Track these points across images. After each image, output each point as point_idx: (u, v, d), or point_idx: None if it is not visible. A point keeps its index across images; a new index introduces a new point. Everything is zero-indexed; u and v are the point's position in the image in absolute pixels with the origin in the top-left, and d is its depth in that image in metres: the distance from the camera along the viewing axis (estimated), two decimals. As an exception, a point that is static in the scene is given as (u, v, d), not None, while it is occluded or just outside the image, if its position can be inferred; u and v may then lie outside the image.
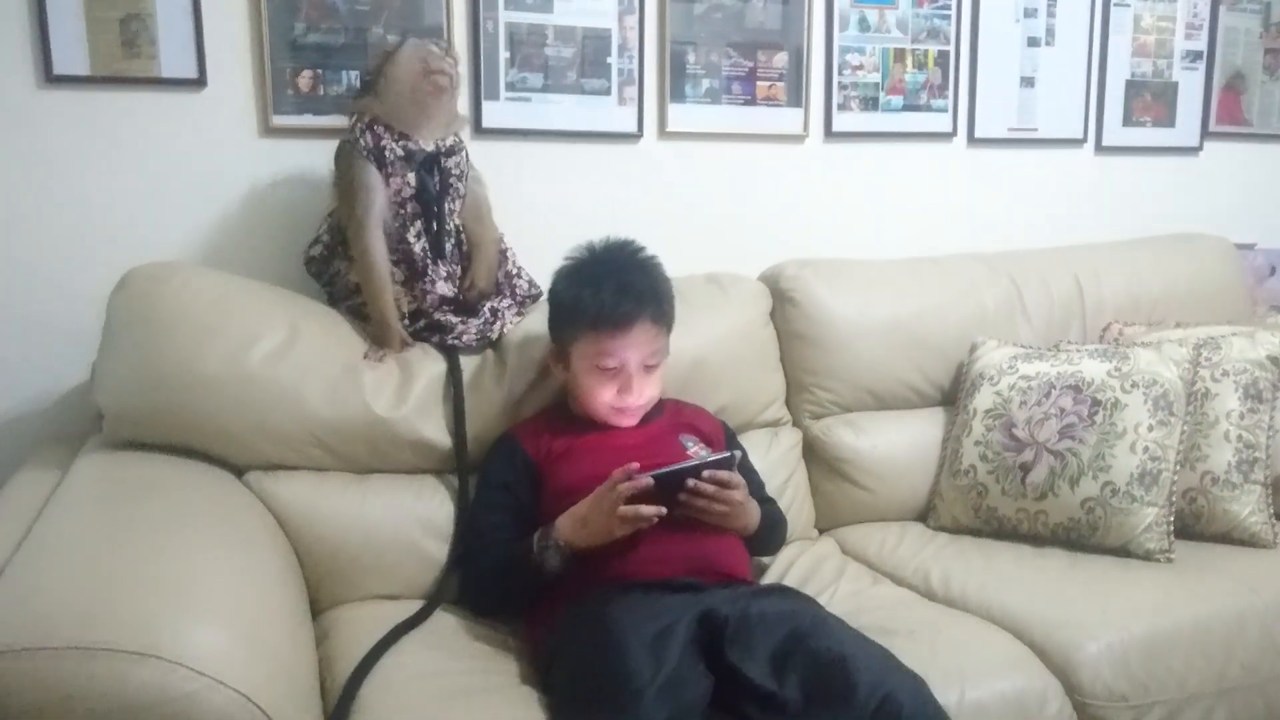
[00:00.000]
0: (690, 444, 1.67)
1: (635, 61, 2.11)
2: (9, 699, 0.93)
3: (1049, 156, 2.56)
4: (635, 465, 1.43)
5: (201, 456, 1.58)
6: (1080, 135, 2.58)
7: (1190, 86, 2.69)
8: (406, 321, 1.73)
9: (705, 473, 1.47)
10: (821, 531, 1.97)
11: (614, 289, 1.58)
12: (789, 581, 1.65)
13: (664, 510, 1.42)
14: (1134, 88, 2.62)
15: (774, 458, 1.92)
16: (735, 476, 1.51)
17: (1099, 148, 2.61)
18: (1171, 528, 1.71)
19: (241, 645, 1.06)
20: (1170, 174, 2.71)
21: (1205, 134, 2.73)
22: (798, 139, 2.29)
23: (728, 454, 1.51)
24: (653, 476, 1.42)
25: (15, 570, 1.13)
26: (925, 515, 1.97)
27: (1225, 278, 2.42)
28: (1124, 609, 1.52)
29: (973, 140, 2.46)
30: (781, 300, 2.02)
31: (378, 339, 1.70)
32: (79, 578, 1.09)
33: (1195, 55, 2.68)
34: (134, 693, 0.95)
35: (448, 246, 1.74)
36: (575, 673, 1.28)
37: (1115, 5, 2.56)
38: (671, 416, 1.73)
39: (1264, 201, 2.81)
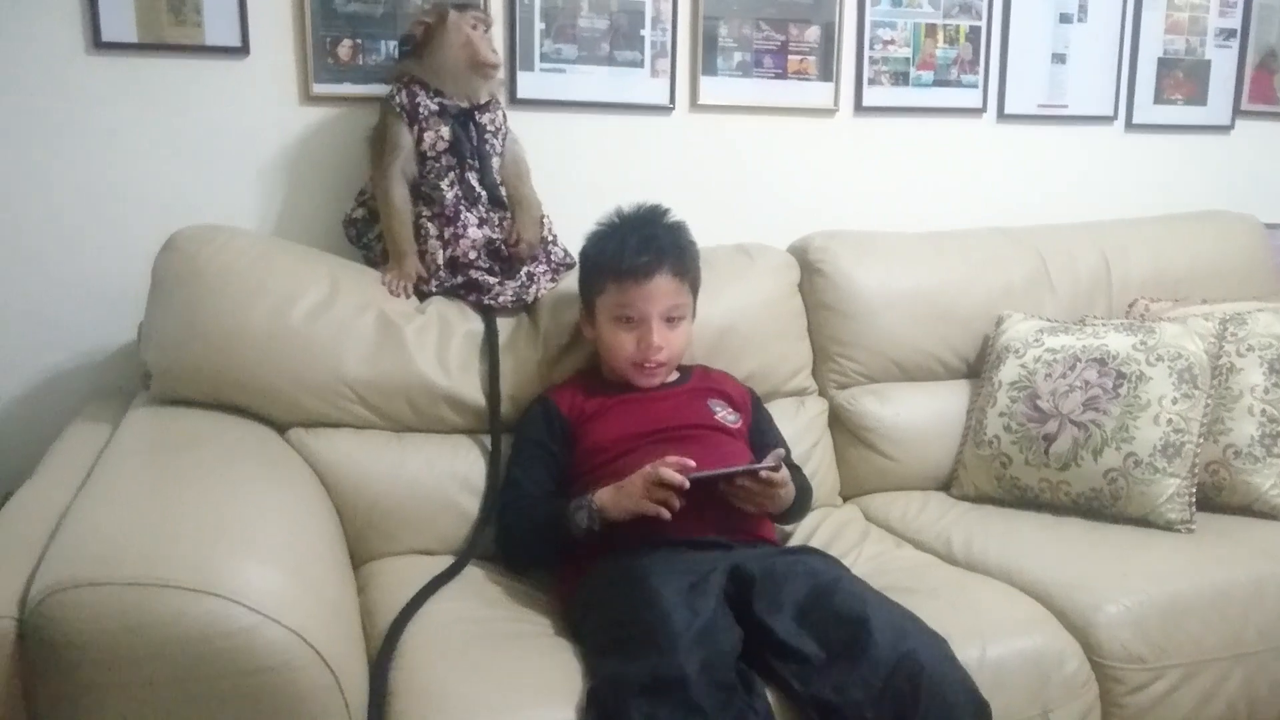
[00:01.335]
0: (718, 408, 1.71)
1: (668, 34, 2.14)
2: (77, 629, 0.99)
3: (1079, 133, 2.57)
4: (692, 463, 1.44)
5: (245, 413, 1.63)
6: (1111, 112, 2.58)
7: (1223, 64, 2.68)
8: (443, 273, 1.78)
9: (763, 473, 1.49)
10: (846, 499, 2.00)
11: (636, 242, 1.63)
12: (814, 545, 1.69)
13: (676, 507, 1.44)
14: (1166, 65, 2.62)
15: (800, 425, 1.95)
16: (781, 475, 1.53)
17: (1129, 125, 2.61)
18: (1193, 499, 1.74)
19: (293, 586, 1.11)
20: (1201, 152, 2.70)
21: (1237, 112, 2.72)
22: (828, 113, 2.31)
23: (772, 463, 1.50)
24: (691, 479, 1.43)
25: (77, 514, 1.18)
26: (948, 484, 2.00)
27: (1253, 256, 2.42)
28: (1143, 575, 1.55)
29: (1003, 116, 2.47)
30: (809, 271, 2.05)
31: (394, 266, 1.78)
32: (138, 520, 1.14)
33: (1229, 33, 2.67)
34: (193, 626, 1.01)
35: (483, 195, 1.79)
36: (609, 621, 1.33)
37: (1149, -20, 2.56)
38: (699, 380, 1.77)
39: (1294, 181, 2.80)
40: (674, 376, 1.75)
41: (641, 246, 1.64)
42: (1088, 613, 1.47)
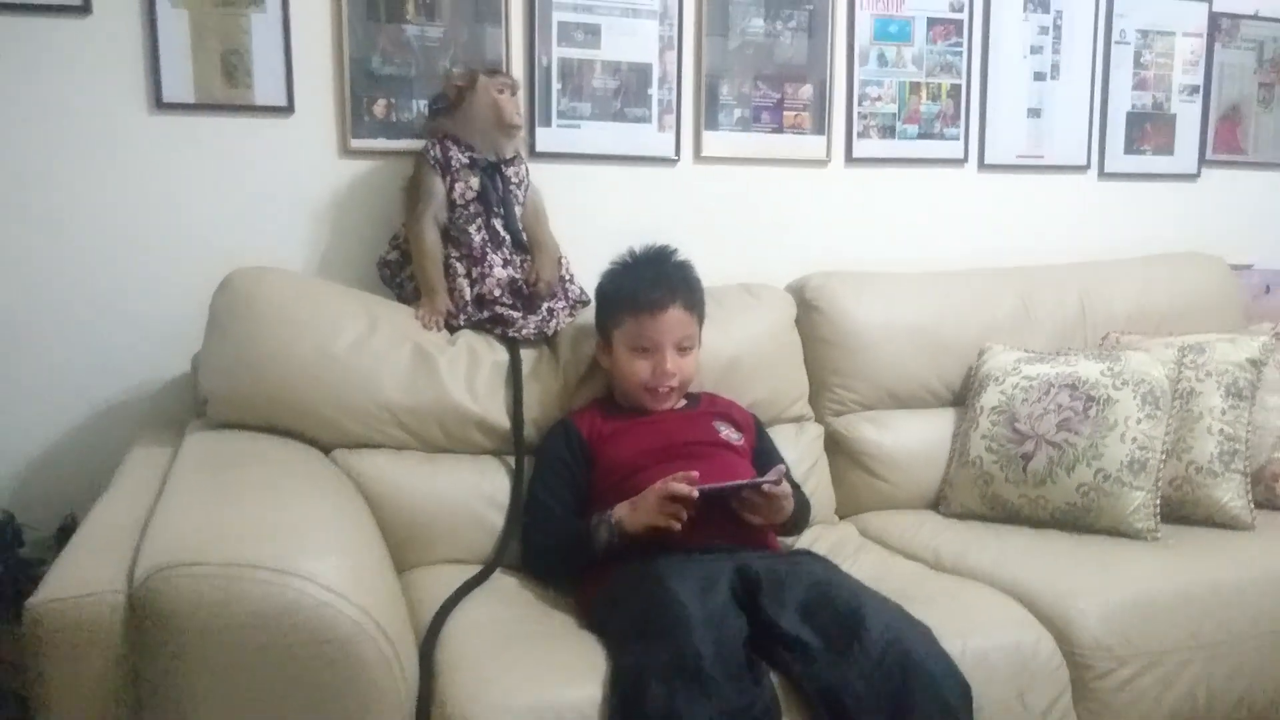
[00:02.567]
0: (722, 428, 1.87)
1: (674, 92, 2.34)
2: (179, 602, 1.14)
3: (1055, 181, 2.76)
4: (695, 474, 1.60)
5: (294, 435, 1.79)
6: (1084, 162, 2.78)
7: (1188, 118, 2.88)
8: (470, 309, 1.95)
9: (766, 489, 1.65)
10: (842, 518, 2.16)
11: (650, 278, 1.81)
12: (812, 554, 1.84)
13: (685, 519, 1.59)
14: (1135, 118, 2.82)
15: (799, 449, 2.11)
16: (782, 488, 1.69)
17: (1102, 174, 2.81)
18: (1158, 510, 1.90)
19: (357, 572, 1.26)
20: (1169, 199, 2.89)
21: (1203, 161, 2.92)
22: (821, 163, 2.50)
23: (772, 476, 1.66)
24: (700, 491, 1.59)
25: (163, 513, 1.34)
26: (938, 504, 2.15)
27: (1220, 295, 2.60)
28: (1113, 576, 1.70)
29: (983, 166, 2.66)
30: (806, 308, 2.23)
31: (426, 302, 1.95)
32: (219, 517, 1.31)
33: (1193, 89, 2.88)
34: (277, 602, 1.16)
35: (507, 239, 1.97)
36: (629, 614, 1.47)
37: (1116, 43, 2.77)
38: (707, 405, 1.93)
39: (1260, 224, 2.99)
40: (683, 403, 1.92)
41: (655, 282, 1.82)
42: (1061, 609, 1.62)
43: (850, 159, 2.52)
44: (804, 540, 1.97)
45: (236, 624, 1.15)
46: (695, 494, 1.58)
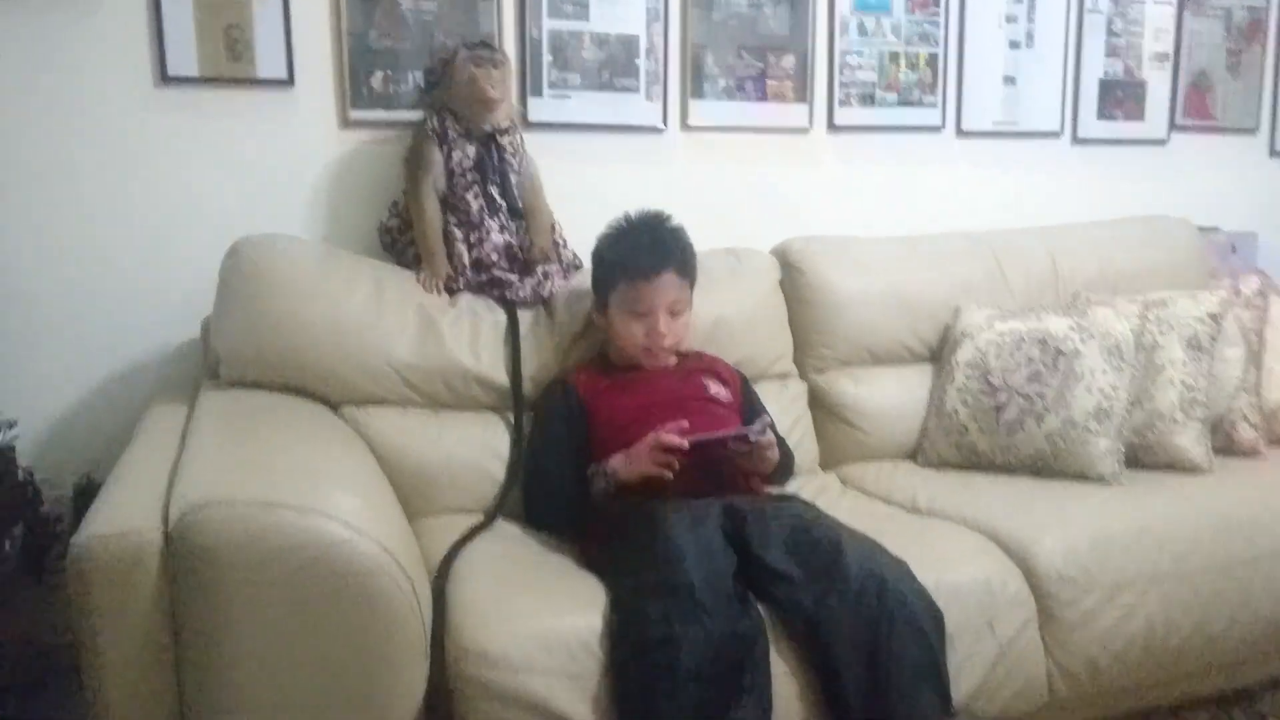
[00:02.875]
0: (711, 385, 1.97)
1: (660, 63, 2.42)
2: (212, 538, 1.24)
3: (1030, 147, 2.85)
4: (685, 424, 1.72)
5: (304, 393, 1.88)
6: (1058, 128, 2.88)
7: (1158, 85, 2.98)
8: (470, 273, 2.04)
9: (752, 439, 1.76)
10: (824, 469, 2.27)
11: (645, 244, 1.91)
12: (797, 501, 1.95)
13: (677, 468, 1.70)
14: (1106, 85, 2.92)
15: (783, 404, 2.22)
16: (768, 438, 1.80)
17: (1075, 139, 2.90)
18: (1122, 456, 2.01)
19: (375, 512, 1.37)
20: (1140, 163, 3.00)
21: (1173, 127, 3.02)
22: (803, 131, 2.59)
23: (757, 427, 1.78)
24: (690, 442, 1.70)
25: (190, 460, 1.44)
26: (915, 454, 2.27)
27: (1187, 256, 2.70)
28: (1077, 516, 1.82)
29: (960, 132, 2.76)
30: (790, 271, 2.32)
31: (427, 267, 2.03)
32: (246, 462, 1.41)
33: (1162, 56, 2.98)
34: (303, 537, 1.26)
35: (503, 206, 2.06)
36: (625, 549, 1.58)
37: (1089, 11, 2.86)
38: (695, 363, 2.04)
39: (1227, 188, 3.10)
40: (673, 361, 2.02)
41: (650, 249, 1.92)
42: (1028, 544, 1.74)
43: (832, 127, 2.61)
44: (788, 489, 2.07)
45: (265, 558, 1.25)
46: (685, 444, 1.68)
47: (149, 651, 1.29)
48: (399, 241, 2.15)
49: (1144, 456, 2.10)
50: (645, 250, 1.91)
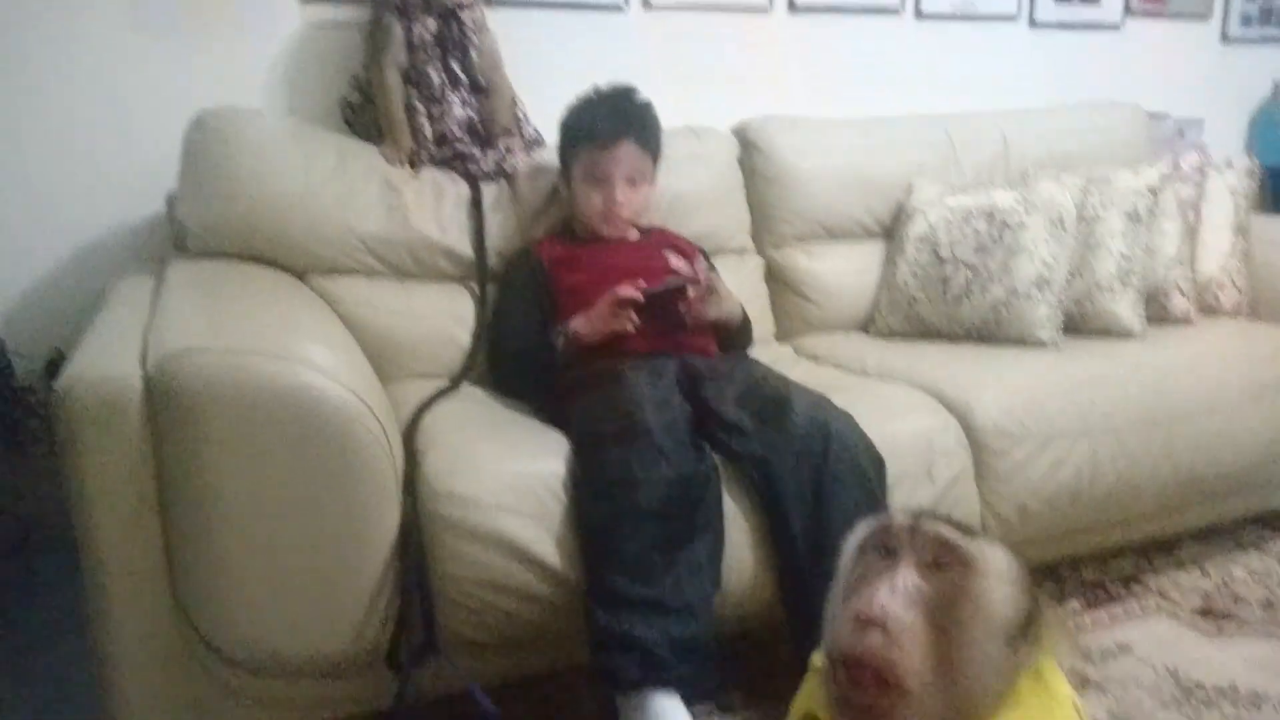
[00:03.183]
0: (672, 257, 2.03)
1: (622, -61, 2.41)
2: (192, 383, 1.30)
3: (987, 30, 2.88)
4: (640, 282, 1.79)
5: (270, 263, 1.91)
6: (1015, 11, 2.90)
7: (1113, -33, 3.00)
8: (433, 146, 2.07)
9: (702, 279, 1.85)
10: (779, 341, 2.36)
11: (607, 113, 1.95)
12: (752, 368, 2.04)
13: (637, 321, 1.78)
14: (1063, -32, 2.94)
15: (740, 278, 2.29)
16: (710, 278, 1.89)
17: (1032, 23, 2.93)
18: (1060, 322, 2.12)
19: (347, 362, 1.43)
20: (1094, 48, 3.04)
21: (1127, 12, 3.06)
22: (764, 11, 2.60)
23: (702, 281, 1.87)
24: (644, 293, 1.79)
25: (165, 313, 1.49)
26: (866, 326, 2.36)
27: (1135, 140, 2.78)
28: (1014, 373, 1.93)
29: (920, 15, 2.78)
30: (749, 148, 2.37)
31: (390, 141, 2.05)
32: (220, 315, 1.46)
33: (1118, -61, 2.99)
34: (278, 383, 1.32)
35: (464, 80, 2.08)
36: (587, 400, 1.67)
37: (1046, -107, 2.86)
38: (658, 237, 2.09)
39: (1177, 74, 3.15)
40: (636, 234, 2.07)
41: (611, 116, 1.96)
42: (967, 399, 1.84)
43: (792, 7, 2.62)
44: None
45: (242, 403, 1.31)
46: (640, 295, 1.75)
47: (135, 495, 1.35)
48: (361, 116, 2.16)
49: (1081, 324, 2.20)
50: (606, 118, 1.95)
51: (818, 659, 0.99)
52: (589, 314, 1.83)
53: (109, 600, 1.38)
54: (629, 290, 1.76)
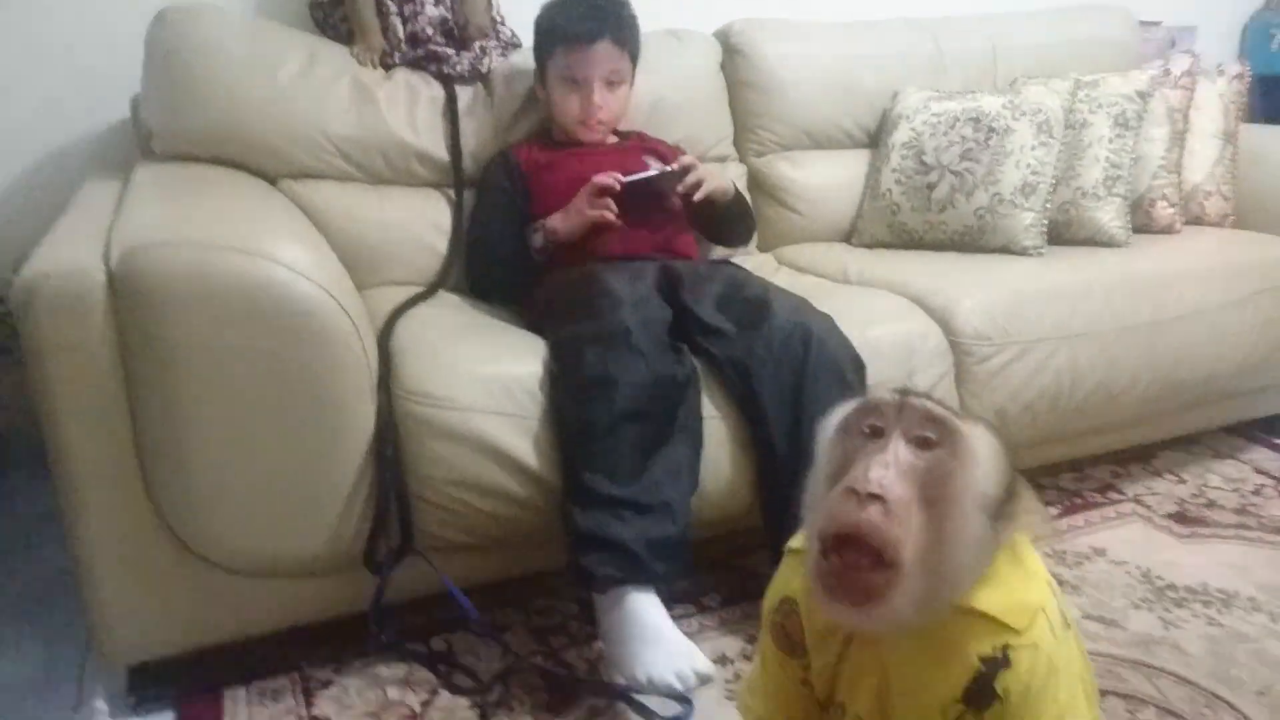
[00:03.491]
0: (652, 162, 1.99)
1: None
2: (157, 277, 1.26)
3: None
4: (618, 174, 1.76)
5: (239, 166, 1.86)
6: (1006, -88, 2.81)
7: None
8: (405, 47, 2.01)
9: (676, 174, 1.81)
10: (761, 250, 2.33)
11: (582, 12, 1.89)
12: (733, 276, 2.01)
13: (616, 211, 1.76)
14: None
15: (723, 186, 2.25)
16: (690, 162, 1.87)
17: (1021, -80, 2.85)
18: (1044, 230, 2.10)
19: (317, 260, 1.40)
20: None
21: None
22: (748, -92, 2.51)
23: (679, 167, 1.84)
24: (623, 182, 1.75)
25: (131, 208, 1.45)
26: (849, 236, 2.33)
27: (1125, 44, 2.71)
28: (996, 280, 1.91)
29: (904, -87, 2.69)
30: (731, 52, 2.31)
31: (361, 40, 1.99)
32: (187, 210, 1.43)
33: None
34: (246, 277, 1.29)
35: None
36: (565, 302, 1.64)
37: None
38: (638, 141, 2.05)
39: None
40: (614, 139, 2.03)
41: (587, 15, 1.89)
42: (948, 305, 1.83)
43: (776, -94, 2.53)
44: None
45: (210, 298, 1.28)
46: (617, 185, 1.72)
47: (102, 394, 1.32)
48: (331, 16, 2.09)
49: (1066, 232, 2.18)
50: (582, 18, 1.88)
51: (796, 542, 0.98)
52: (566, 209, 1.80)
53: (81, 502, 1.37)
54: (606, 178, 1.73)
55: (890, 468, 0.83)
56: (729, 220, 2.00)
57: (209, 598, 1.46)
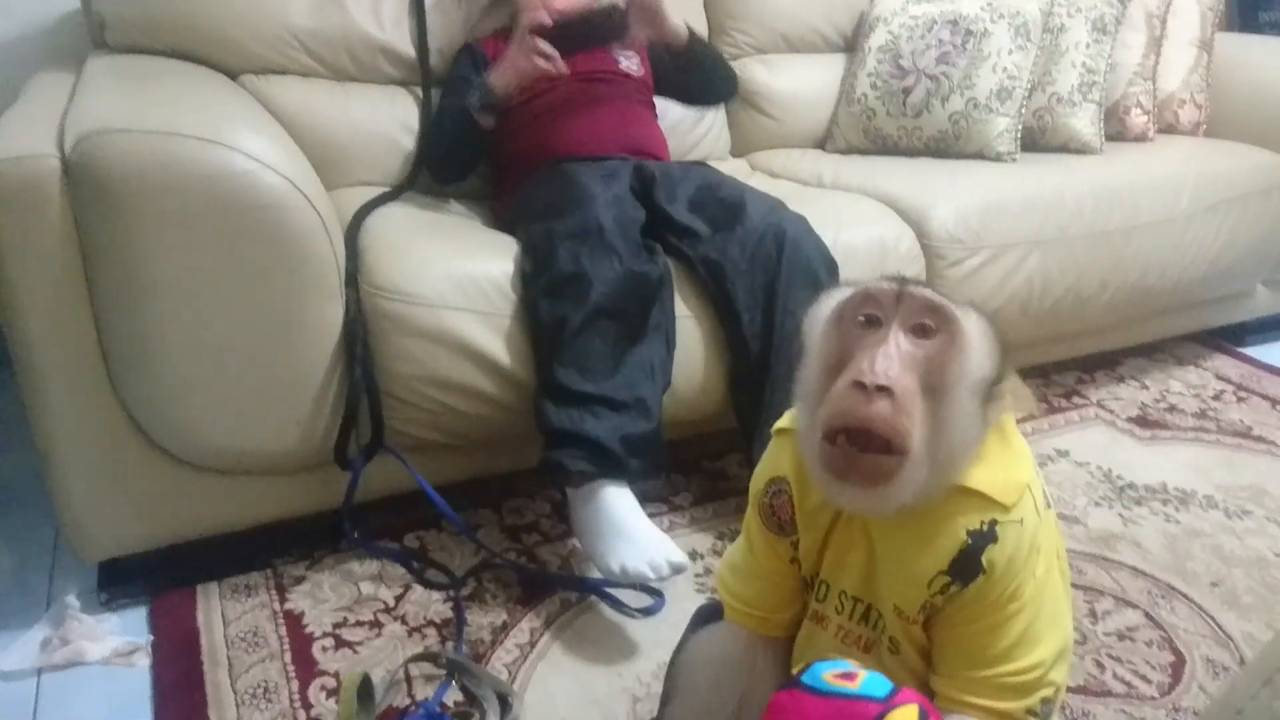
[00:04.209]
0: (622, 59, 1.93)
1: None
2: (114, 165, 1.22)
3: None
4: (543, 14, 1.68)
5: (198, 60, 1.80)
6: None
7: None
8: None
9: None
10: (735, 155, 2.30)
11: None
12: (706, 178, 1.99)
13: (554, 54, 1.67)
14: None
15: (697, 89, 2.21)
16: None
17: None
18: (1019, 135, 2.08)
19: (283, 151, 1.36)
20: None
21: None
22: None
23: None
24: (556, 21, 1.68)
25: (84, 97, 1.39)
26: (824, 142, 2.31)
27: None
28: (970, 185, 1.90)
29: None
30: (702, -51, 2.25)
31: None
32: (145, 98, 1.38)
33: None
34: (207, 167, 1.25)
35: None
36: (538, 201, 1.62)
37: None
38: None
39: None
40: None
41: None
42: (922, 209, 1.82)
43: None
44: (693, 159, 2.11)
45: (170, 186, 1.24)
46: (548, 22, 1.66)
47: (63, 287, 1.29)
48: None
49: (1040, 139, 2.17)
50: None
51: (785, 422, 0.98)
52: (501, 62, 1.73)
53: (46, 400, 1.35)
54: (539, 14, 1.66)
55: (893, 359, 0.83)
56: (701, 68, 1.93)
57: (179, 495, 1.45)
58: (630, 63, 1.95)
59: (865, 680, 0.77)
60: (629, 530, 1.37)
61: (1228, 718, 0.49)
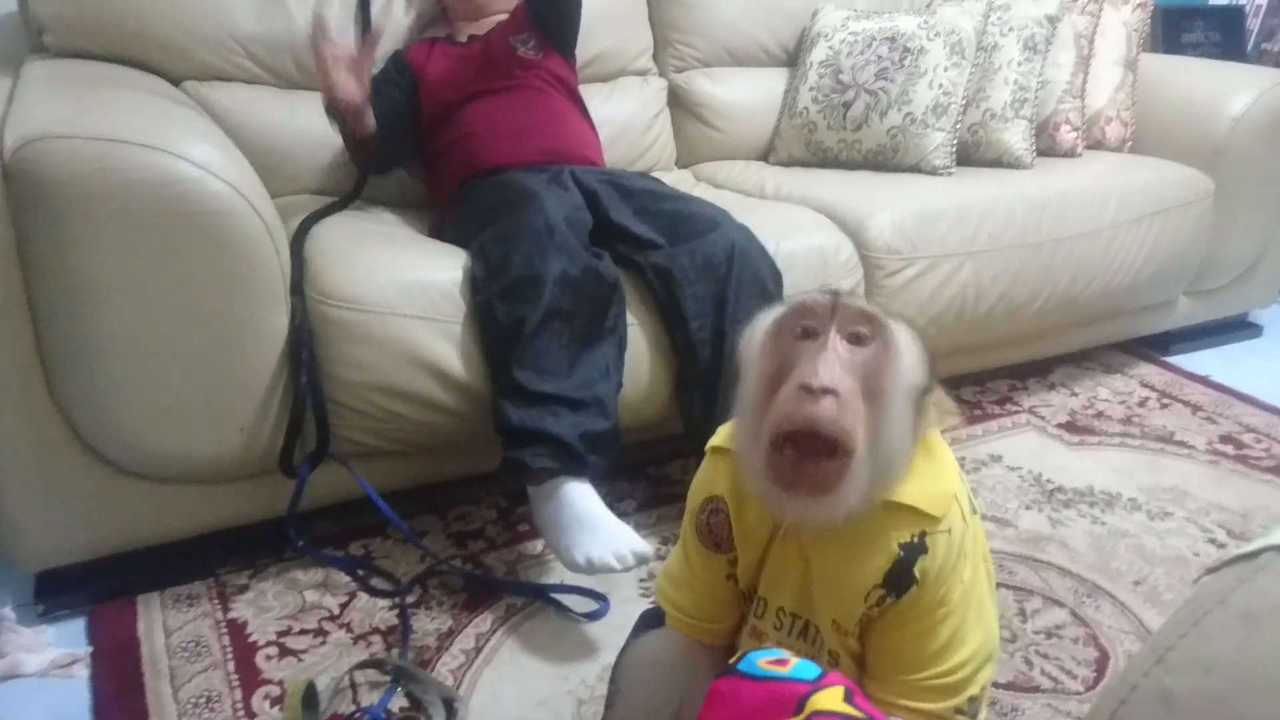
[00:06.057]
0: (519, 45, 1.89)
1: None
2: (55, 171, 1.21)
3: None
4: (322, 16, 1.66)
5: (140, 66, 1.79)
6: None
7: None
8: (320, -56, 1.93)
9: None
10: (679, 166, 2.34)
11: None
12: (652, 189, 2.02)
13: (341, 80, 1.65)
14: None
15: (643, 100, 2.25)
16: None
17: None
18: (954, 150, 2.15)
19: (228, 159, 1.35)
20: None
21: None
22: None
23: None
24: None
25: (24, 100, 1.37)
26: (767, 154, 2.36)
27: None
28: (906, 197, 1.96)
29: None
30: (650, -37, 2.28)
31: None
32: (86, 104, 1.36)
33: None
34: (150, 173, 1.25)
35: None
36: (483, 208, 1.63)
37: None
38: (503, 26, 1.95)
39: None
40: (501, 18, 1.97)
41: None
42: (860, 219, 1.87)
43: None
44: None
45: (113, 193, 1.24)
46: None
47: (0, 293, 1.28)
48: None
49: (974, 153, 2.24)
50: None
51: (719, 440, 1.01)
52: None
53: (-19, 403, 1.33)
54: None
55: (834, 363, 0.86)
56: None
57: (119, 503, 1.44)
58: (525, 49, 1.91)
59: (796, 665, 0.80)
60: (592, 523, 1.39)
61: (1123, 693, 0.52)
